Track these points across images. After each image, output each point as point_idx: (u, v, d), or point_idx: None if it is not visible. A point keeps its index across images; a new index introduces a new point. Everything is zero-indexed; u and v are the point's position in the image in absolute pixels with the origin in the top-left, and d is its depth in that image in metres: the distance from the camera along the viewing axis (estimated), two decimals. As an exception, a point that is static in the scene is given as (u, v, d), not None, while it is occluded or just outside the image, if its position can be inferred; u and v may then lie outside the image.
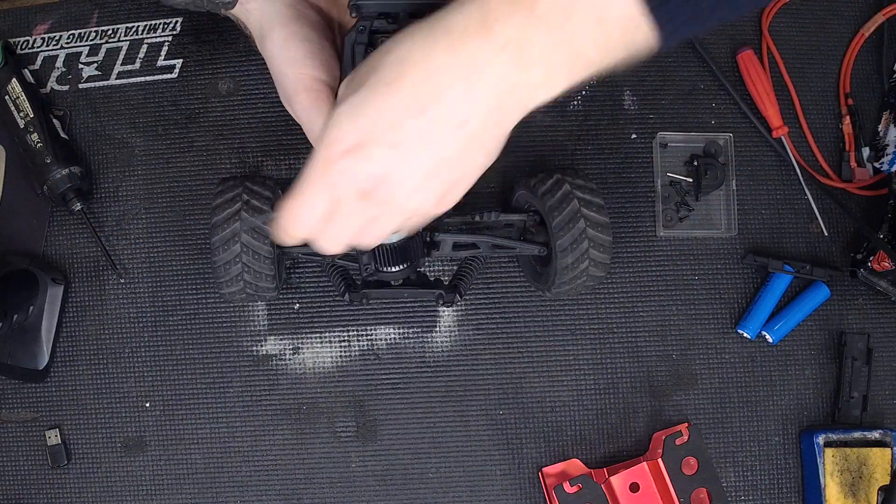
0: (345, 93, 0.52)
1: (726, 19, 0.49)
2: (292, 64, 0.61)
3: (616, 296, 0.87)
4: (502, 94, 0.48)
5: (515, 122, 0.51)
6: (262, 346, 0.86)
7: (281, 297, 0.86)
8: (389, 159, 0.50)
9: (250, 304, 0.86)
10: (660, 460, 0.83)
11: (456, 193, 0.54)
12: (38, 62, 0.88)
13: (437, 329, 0.87)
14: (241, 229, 0.71)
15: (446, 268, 0.87)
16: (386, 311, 0.87)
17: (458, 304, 0.81)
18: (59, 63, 0.88)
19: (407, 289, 0.74)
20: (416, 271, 0.75)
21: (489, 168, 0.54)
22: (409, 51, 0.49)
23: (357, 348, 0.86)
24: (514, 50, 0.47)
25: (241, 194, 0.72)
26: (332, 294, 0.86)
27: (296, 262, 0.86)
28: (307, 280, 0.86)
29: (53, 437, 0.85)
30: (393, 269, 0.70)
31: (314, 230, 0.54)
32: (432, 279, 0.77)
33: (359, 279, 0.76)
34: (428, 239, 0.74)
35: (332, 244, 0.55)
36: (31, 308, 0.83)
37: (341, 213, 0.53)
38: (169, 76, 0.88)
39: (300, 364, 0.86)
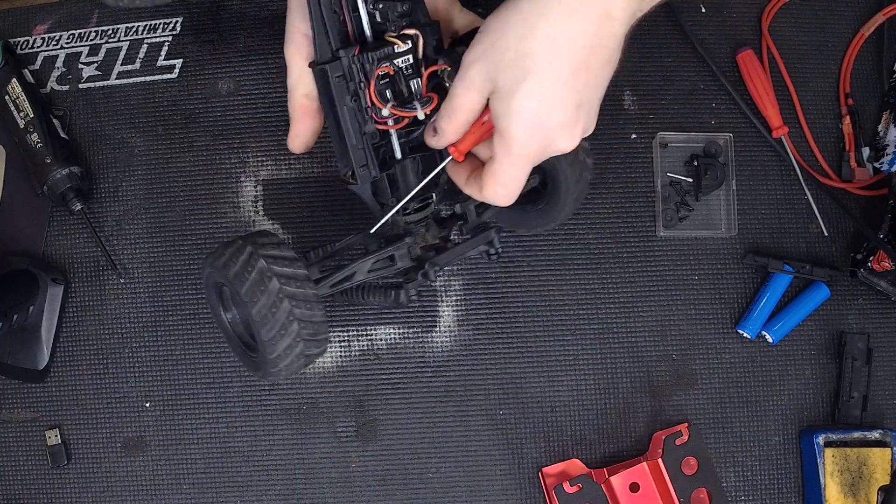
0: (526, 84, 0.56)
1: None
2: (291, 16, 0.64)
3: (616, 296, 0.87)
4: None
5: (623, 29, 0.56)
6: (262, 346, 0.86)
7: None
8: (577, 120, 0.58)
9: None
10: (660, 460, 0.83)
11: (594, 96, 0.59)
12: (38, 62, 0.88)
13: (437, 329, 0.87)
14: (280, 284, 0.61)
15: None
16: (386, 310, 0.87)
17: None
18: (59, 63, 0.88)
19: (467, 244, 0.70)
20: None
21: None
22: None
23: (357, 348, 0.86)
24: None
25: (257, 251, 0.62)
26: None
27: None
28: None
29: (53, 437, 0.85)
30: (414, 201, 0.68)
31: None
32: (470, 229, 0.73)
33: (398, 279, 0.69)
34: (453, 211, 0.72)
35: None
36: (31, 308, 0.83)
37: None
38: (169, 76, 0.88)
39: (300, 364, 0.86)
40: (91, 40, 0.88)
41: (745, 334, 0.87)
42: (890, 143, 0.87)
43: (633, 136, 0.89)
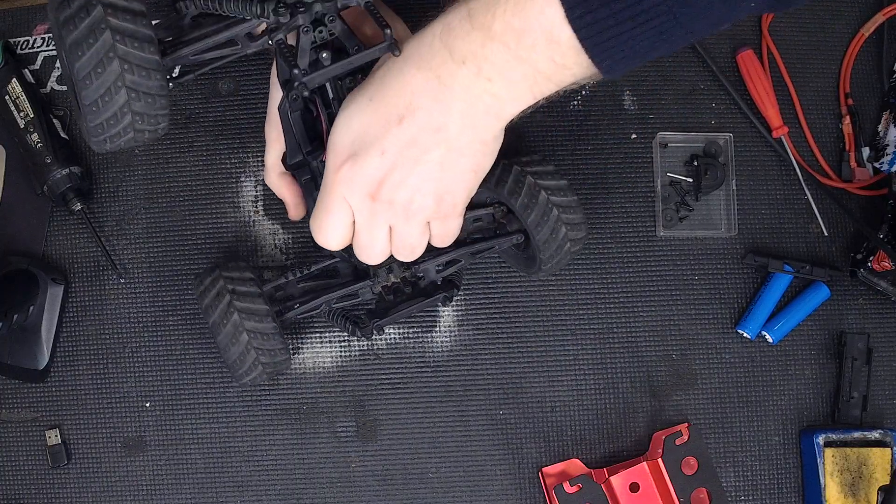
0: (343, 105, 0.59)
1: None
2: (272, 95, 0.71)
3: (616, 296, 0.87)
4: (470, 102, 0.54)
5: (494, 130, 0.57)
6: (262, 346, 0.86)
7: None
8: (381, 164, 0.57)
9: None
10: (660, 460, 0.83)
11: (454, 195, 0.59)
12: (38, 62, 0.88)
13: (437, 329, 0.87)
14: (241, 318, 0.71)
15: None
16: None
17: (458, 296, 0.82)
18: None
19: (411, 304, 0.75)
20: (411, 283, 0.76)
21: None
22: (388, 69, 0.57)
23: (357, 348, 0.86)
24: (473, 64, 0.53)
25: (225, 286, 0.72)
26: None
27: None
28: (307, 280, 0.87)
29: (53, 437, 0.85)
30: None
31: (348, 238, 0.62)
32: (426, 285, 0.78)
33: (362, 313, 0.76)
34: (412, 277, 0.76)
35: (370, 252, 0.62)
36: (31, 308, 0.83)
37: (362, 217, 0.60)
38: (169, 76, 0.88)
39: (300, 364, 0.86)
40: (91, 40, 0.88)
41: (745, 334, 0.87)
42: (890, 143, 0.87)
43: (633, 136, 0.89)
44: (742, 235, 0.88)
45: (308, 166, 0.67)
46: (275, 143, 0.73)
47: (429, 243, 0.65)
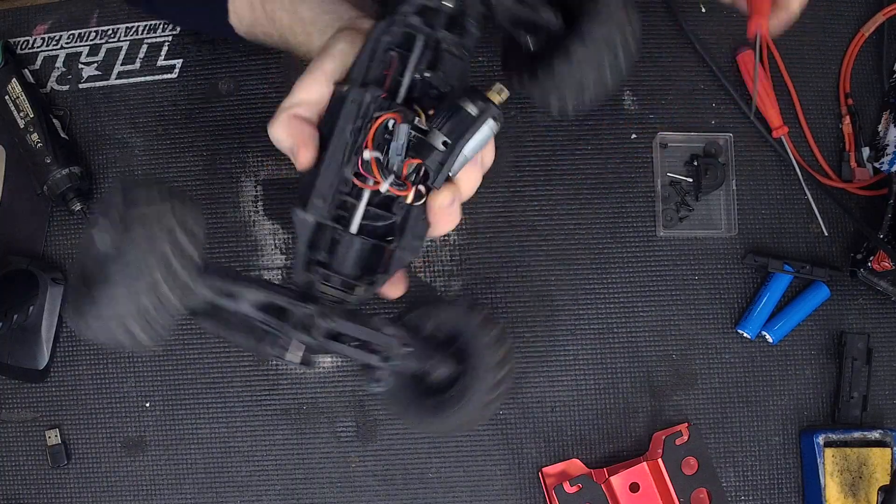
0: None
1: None
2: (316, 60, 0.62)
3: (616, 296, 0.87)
4: None
5: None
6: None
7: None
8: None
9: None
10: (660, 460, 0.83)
11: None
12: (38, 62, 0.88)
13: (437, 329, 0.87)
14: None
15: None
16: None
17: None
18: (59, 63, 0.88)
19: (348, 346, 0.63)
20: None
21: None
22: None
23: (357, 348, 0.86)
24: None
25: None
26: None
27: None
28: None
29: (53, 437, 0.85)
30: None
31: None
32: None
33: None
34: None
35: None
36: (31, 308, 0.83)
37: None
38: (169, 76, 0.88)
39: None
40: (91, 40, 0.88)
41: (745, 334, 0.87)
42: (890, 143, 0.87)
43: (633, 136, 0.89)
44: (742, 235, 0.88)
45: (368, 91, 0.57)
46: (307, 86, 0.63)
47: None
